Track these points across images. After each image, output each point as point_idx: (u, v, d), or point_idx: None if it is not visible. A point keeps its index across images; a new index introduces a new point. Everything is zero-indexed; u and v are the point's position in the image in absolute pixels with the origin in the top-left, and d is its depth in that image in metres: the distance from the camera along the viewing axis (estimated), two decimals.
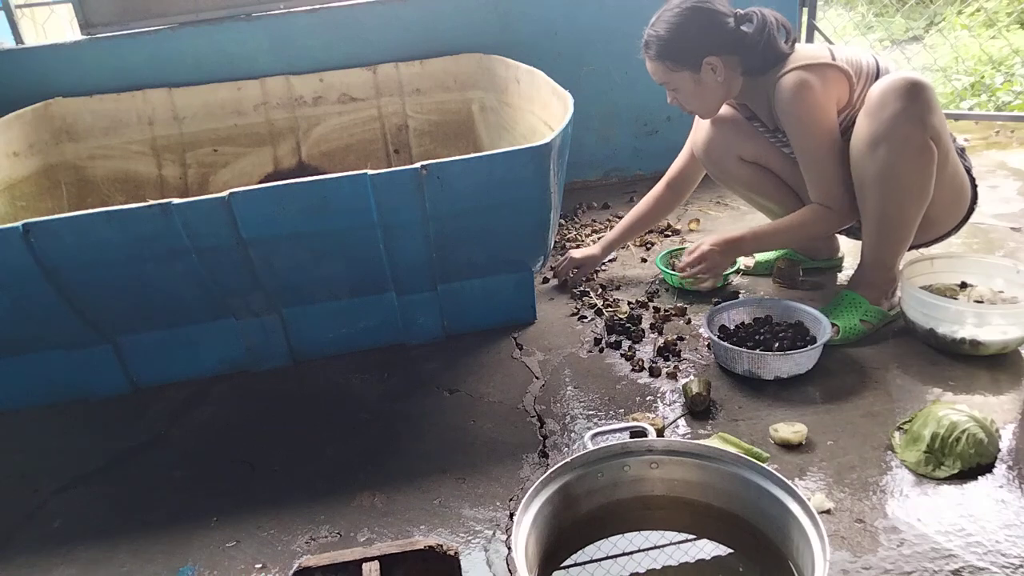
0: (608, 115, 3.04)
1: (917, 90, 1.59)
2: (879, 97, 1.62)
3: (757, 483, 1.16)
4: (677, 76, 1.79)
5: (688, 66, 1.77)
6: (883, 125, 1.61)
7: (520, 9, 2.83)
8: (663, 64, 1.78)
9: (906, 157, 1.62)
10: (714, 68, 1.76)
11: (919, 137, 1.60)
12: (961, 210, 1.81)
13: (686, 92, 1.83)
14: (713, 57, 1.75)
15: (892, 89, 1.60)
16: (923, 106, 1.59)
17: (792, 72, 1.71)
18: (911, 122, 1.59)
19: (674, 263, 2.22)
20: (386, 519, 1.39)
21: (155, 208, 1.54)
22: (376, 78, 2.81)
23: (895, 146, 1.61)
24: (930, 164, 1.63)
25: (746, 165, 1.97)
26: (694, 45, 1.74)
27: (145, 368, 1.87)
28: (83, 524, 1.47)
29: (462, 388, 1.77)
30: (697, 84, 1.80)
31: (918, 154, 1.61)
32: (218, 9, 2.69)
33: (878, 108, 1.62)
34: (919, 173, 1.63)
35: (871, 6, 5.70)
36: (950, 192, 1.74)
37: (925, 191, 1.66)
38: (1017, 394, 1.55)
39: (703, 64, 1.76)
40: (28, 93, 2.60)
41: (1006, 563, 1.16)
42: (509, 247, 1.88)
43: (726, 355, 1.70)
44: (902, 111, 1.59)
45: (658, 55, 1.77)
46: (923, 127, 1.59)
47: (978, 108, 3.75)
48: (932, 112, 1.60)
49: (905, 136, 1.60)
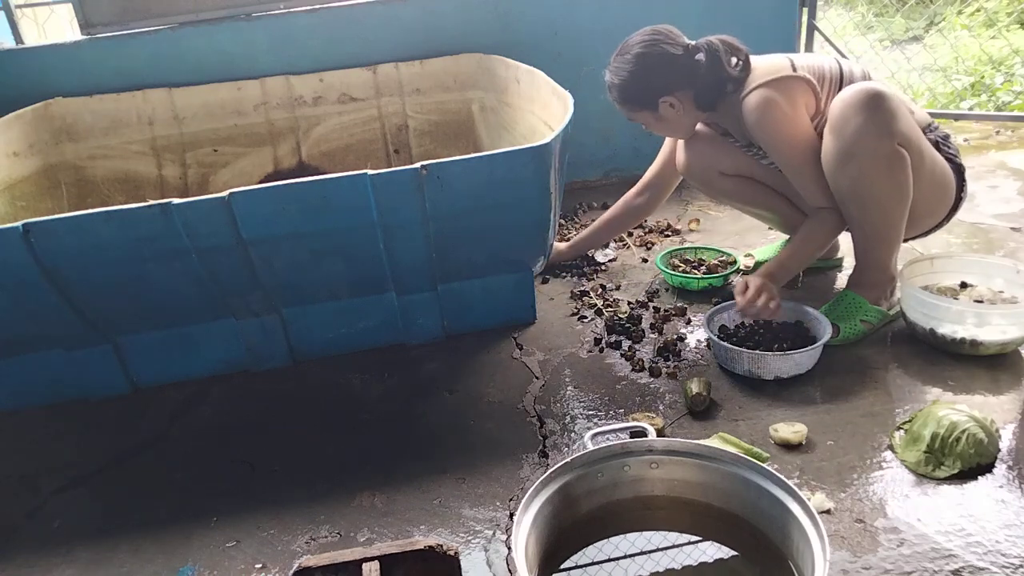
0: (608, 115, 3.00)
1: (876, 100, 1.59)
2: (840, 113, 1.63)
3: (757, 483, 1.16)
4: (639, 116, 1.88)
5: (646, 107, 1.84)
6: (848, 141, 1.62)
7: (520, 9, 2.83)
8: (624, 107, 1.88)
9: (877, 169, 1.62)
10: (672, 104, 1.82)
11: (886, 147, 1.60)
12: (947, 202, 1.80)
13: (653, 127, 1.92)
14: (667, 96, 1.81)
15: (851, 104, 1.61)
16: (885, 115, 1.59)
17: (755, 91, 1.73)
18: (876, 134, 1.59)
19: (674, 263, 2.22)
20: (386, 519, 1.39)
21: (155, 208, 1.54)
22: (376, 78, 2.81)
23: (864, 160, 1.62)
24: (903, 170, 1.63)
25: (729, 178, 1.98)
26: (648, 88, 1.81)
27: (145, 368, 1.87)
28: (83, 524, 1.47)
29: (462, 388, 1.77)
30: (659, 120, 1.88)
31: (888, 164, 1.62)
32: (218, 9, 2.69)
33: (841, 124, 1.63)
34: (893, 181, 1.64)
35: (871, 6, 5.70)
36: (932, 188, 1.73)
37: (904, 195, 1.66)
38: (1017, 394, 1.55)
39: (659, 103, 1.82)
40: (28, 93, 2.60)
41: (1006, 563, 1.16)
42: (509, 247, 1.88)
43: (726, 355, 1.70)
44: (864, 124, 1.59)
45: (617, 99, 1.86)
46: (889, 136, 1.59)
47: (978, 108, 3.75)
48: (896, 118, 1.60)
49: (872, 149, 1.61)
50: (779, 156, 1.76)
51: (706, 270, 2.17)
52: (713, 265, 2.18)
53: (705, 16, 2.83)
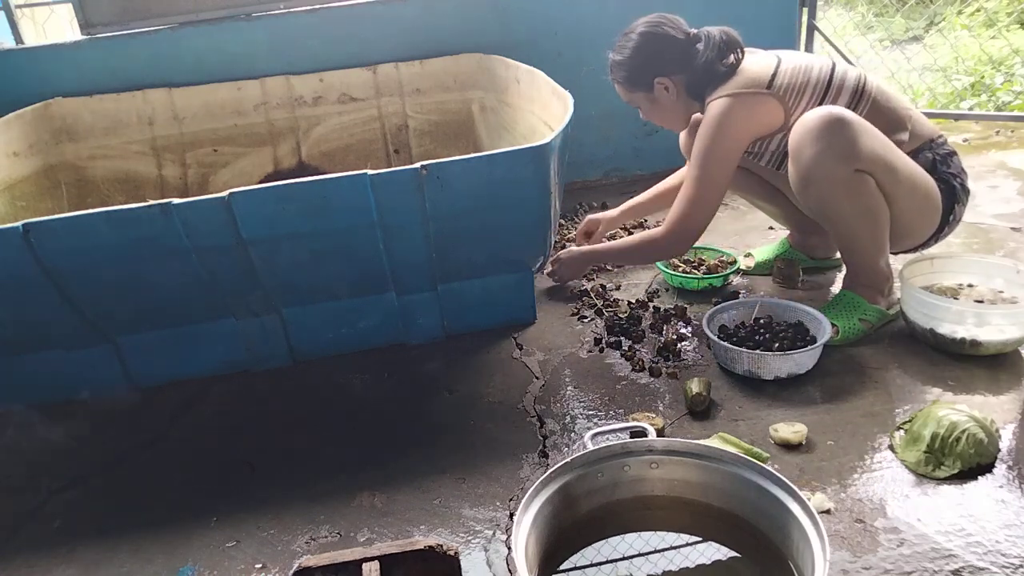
0: (608, 115, 3.03)
1: (833, 127, 1.60)
2: (797, 140, 1.65)
3: (757, 483, 1.16)
4: (636, 96, 1.92)
5: (642, 87, 1.88)
6: (804, 168, 1.65)
7: (520, 9, 2.83)
8: (622, 87, 1.92)
9: (834, 194, 1.64)
10: (666, 87, 1.86)
11: (842, 172, 1.61)
12: (933, 217, 1.76)
13: (647, 110, 1.95)
14: (663, 78, 1.85)
15: (808, 130, 1.62)
16: (843, 141, 1.59)
17: (721, 99, 1.76)
18: (831, 161, 1.60)
19: (674, 263, 2.22)
20: (386, 519, 1.39)
21: (155, 208, 1.54)
22: (376, 78, 2.81)
23: (822, 185, 1.64)
24: (864, 193, 1.63)
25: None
26: (647, 67, 1.85)
27: (145, 368, 1.87)
28: (83, 524, 1.47)
29: (462, 388, 1.77)
30: (653, 103, 1.91)
31: (846, 188, 1.63)
32: (218, 9, 2.69)
33: (798, 151, 1.65)
34: (854, 204, 1.65)
35: (871, 6, 5.70)
36: (912, 202, 1.71)
37: (872, 214, 1.67)
38: (1017, 394, 1.55)
39: (655, 84, 1.86)
40: (28, 93, 2.60)
41: (1006, 563, 1.16)
42: (509, 247, 1.88)
43: (726, 355, 1.70)
44: (820, 152, 1.61)
45: (617, 79, 1.91)
46: (846, 162, 1.60)
47: (978, 108, 3.75)
48: (855, 144, 1.59)
49: (826, 175, 1.62)
50: (696, 159, 1.80)
51: (706, 270, 2.17)
52: (713, 265, 2.18)
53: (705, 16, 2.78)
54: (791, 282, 2.08)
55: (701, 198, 1.81)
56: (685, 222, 1.84)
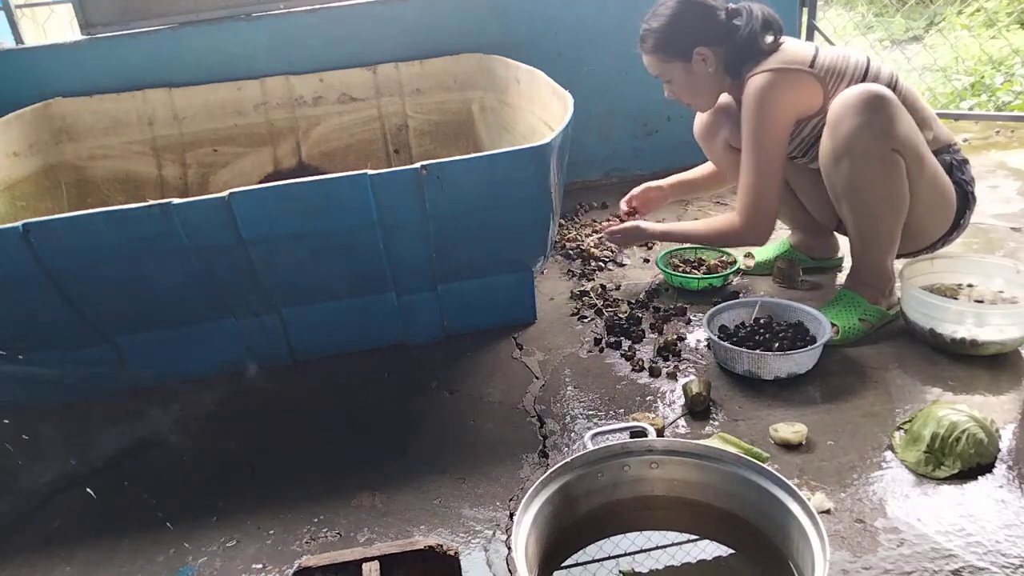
0: (608, 115, 3.04)
1: (876, 103, 1.59)
2: (838, 112, 1.63)
3: (757, 483, 1.16)
4: (670, 67, 1.84)
5: (680, 57, 1.82)
6: (842, 140, 1.62)
7: (520, 9, 2.83)
8: (657, 56, 1.84)
9: (868, 170, 1.62)
10: (705, 59, 1.81)
11: (880, 150, 1.60)
12: (946, 218, 1.77)
13: (679, 83, 1.87)
14: (704, 48, 1.79)
15: (849, 104, 1.61)
16: (883, 118, 1.59)
17: (763, 73, 1.73)
18: (870, 136, 1.59)
19: (674, 263, 2.23)
20: (386, 519, 1.39)
21: (155, 208, 1.54)
22: (376, 78, 2.81)
23: (856, 160, 1.62)
24: (896, 175, 1.63)
25: (734, 151, 1.99)
26: (685, 36, 1.79)
27: (145, 368, 1.87)
28: (83, 524, 1.47)
29: (462, 388, 1.77)
30: (689, 75, 1.84)
31: (881, 166, 1.61)
32: (218, 9, 2.69)
33: (837, 123, 1.63)
34: (886, 184, 1.64)
35: (871, 6, 5.70)
36: (931, 199, 1.72)
37: (897, 200, 1.66)
38: (1017, 394, 1.55)
39: (694, 54, 1.80)
40: (28, 93, 2.60)
41: (1006, 563, 1.16)
42: (509, 247, 1.88)
43: (726, 355, 1.70)
44: (859, 126, 1.59)
45: (652, 47, 1.83)
46: (884, 139, 1.59)
47: (978, 108, 3.74)
48: (894, 123, 1.59)
49: (864, 150, 1.60)
50: (749, 142, 1.76)
51: (706, 270, 2.17)
52: (713, 265, 2.18)
53: None
54: (791, 282, 2.08)
55: (763, 182, 1.76)
56: (757, 209, 1.79)
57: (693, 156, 2.22)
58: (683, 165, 2.31)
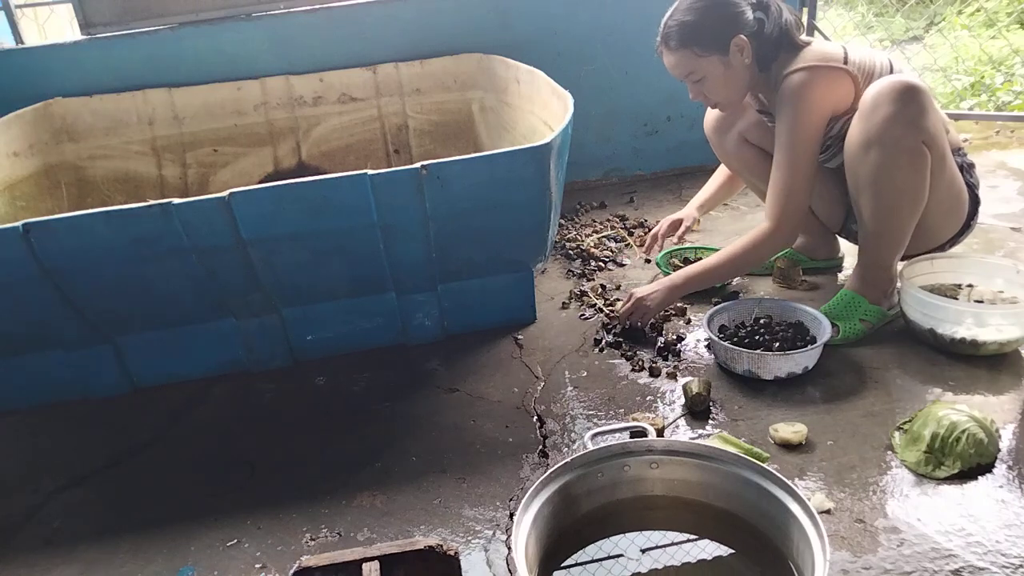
0: (608, 115, 3.04)
1: (911, 93, 1.59)
2: (872, 99, 1.62)
3: (757, 483, 1.16)
4: (705, 62, 1.75)
5: (716, 49, 1.73)
6: (874, 127, 1.61)
7: (520, 9, 2.83)
8: (689, 51, 1.74)
9: (897, 160, 1.61)
10: (742, 49, 1.72)
11: (911, 140, 1.59)
12: (959, 219, 1.79)
13: (714, 79, 1.77)
14: (740, 37, 1.71)
15: (885, 92, 1.60)
16: (916, 109, 1.58)
17: (802, 71, 1.70)
18: (903, 125, 1.58)
19: (675, 263, 2.22)
20: (386, 519, 1.39)
21: (155, 208, 1.54)
22: (376, 78, 2.81)
23: (886, 149, 1.61)
24: (922, 167, 1.63)
25: (748, 146, 1.99)
26: (721, 26, 1.71)
27: (145, 368, 1.87)
28: (83, 524, 1.47)
29: (462, 388, 1.77)
30: (727, 68, 1.75)
31: (909, 157, 1.61)
32: (218, 9, 2.69)
33: (871, 110, 1.62)
34: (911, 176, 1.63)
35: (871, 6, 5.70)
36: (947, 198, 1.73)
37: (918, 194, 1.66)
38: (1017, 394, 1.55)
39: (731, 45, 1.72)
40: (28, 93, 2.60)
41: (1006, 563, 1.16)
42: (509, 247, 1.88)
43: (726, 355, 1.70)
44: (894, 114, 1.58)
45: (682, 43, 1.73)
46: (915, 130, 1.59)
47: (978, 108, 3.74)
48: (926, 116, 1.59)
49: (896, 139, 1.60)
50: (784, 138, 1.72)
51: None
52: None
53: None
54: (791, 282, 2.08)
55: (797, 181, 1.72)
56: (789, 208, 1.74)
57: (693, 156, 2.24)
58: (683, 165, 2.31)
